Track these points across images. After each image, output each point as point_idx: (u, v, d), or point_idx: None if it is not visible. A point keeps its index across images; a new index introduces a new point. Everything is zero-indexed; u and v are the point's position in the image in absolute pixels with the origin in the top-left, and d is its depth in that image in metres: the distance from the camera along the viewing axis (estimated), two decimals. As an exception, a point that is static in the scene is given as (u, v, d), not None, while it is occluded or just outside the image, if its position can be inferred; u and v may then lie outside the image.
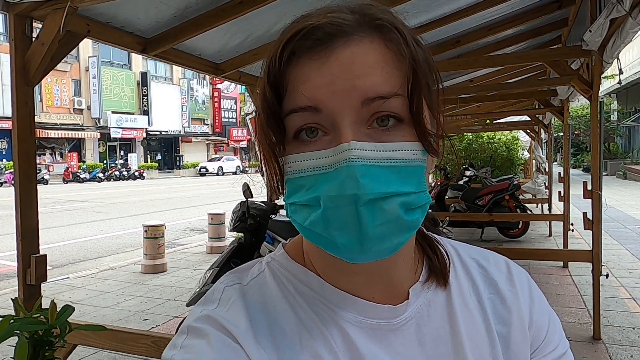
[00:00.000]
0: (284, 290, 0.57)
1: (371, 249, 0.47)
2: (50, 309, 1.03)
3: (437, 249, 0.62)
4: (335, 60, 0.47)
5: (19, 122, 2.36)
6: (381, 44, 0.49)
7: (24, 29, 2.35)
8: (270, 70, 0.50)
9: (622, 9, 2.73)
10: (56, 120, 29.73)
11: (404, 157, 0.48)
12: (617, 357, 3.48)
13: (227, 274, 0.61)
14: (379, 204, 0.46)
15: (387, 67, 0.48)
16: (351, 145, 0.46)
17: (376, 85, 0.47)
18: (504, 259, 0.66)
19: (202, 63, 3.89)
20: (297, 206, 0.50)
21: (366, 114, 0.47)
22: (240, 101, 43.44)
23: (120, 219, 12.13)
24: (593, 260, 3.72)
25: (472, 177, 9.44)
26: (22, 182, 2.33)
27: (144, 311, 4.85)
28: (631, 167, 21.01)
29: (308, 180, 0.49)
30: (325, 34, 0.48)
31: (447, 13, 3.99)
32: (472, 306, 0.59)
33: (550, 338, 0.61)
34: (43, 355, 0.98)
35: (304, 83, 0.48)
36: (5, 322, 0.92)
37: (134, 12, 2.85)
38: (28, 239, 2.36)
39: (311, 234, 0.50)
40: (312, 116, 0.48)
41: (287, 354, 0.52)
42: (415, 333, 0.56)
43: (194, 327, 0.52)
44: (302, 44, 0.48)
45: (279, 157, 0.51)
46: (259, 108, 0.52)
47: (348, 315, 0.54)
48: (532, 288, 0.64)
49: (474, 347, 0.56)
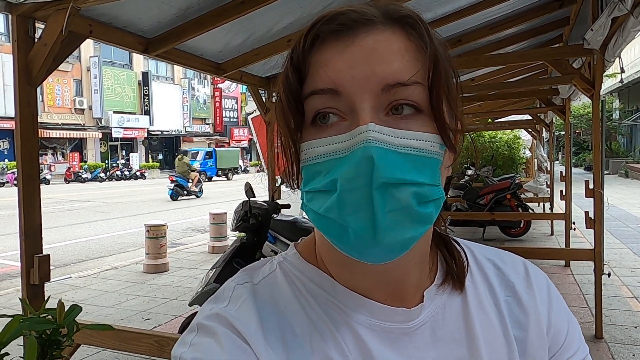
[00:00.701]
0: (295, 291, 0.56)
1: (383, 239, 0.45)
2: (58, 308, 1.03)
3: (456, 252, 0.61)
4: (357, 46, 0.48)
5: (22, 122, 2.37)
6: (403, 35, 0.49)
7: (27, 29, 2.36)
8: (293, 53, 0.51)
9: (623, 7, 2.73)
10: (58, 120, 29.77)
11: (420, 147, 0.48)
12: (620, 356, 3.48)
13: (239, 272, 0.60)
14: (390, 190, 0.45)
15: (407, 56, 0.48)
16: (369, 127, 0.45)
17: (396, 72, 0.47)
18: (522, 260, 0.65)
19: (203, 63, 3.90)
20: (314, 193, 0.49)
21: (385, 100, 0.47)
22: (241, 101, 43.43)
23: (122, 219, 12.14)
24: (595, 258, 3.72)
25: (473, 176, 9.43)
26: (25, 182, 2.34)
27: (146, 310, 4.86)
28: (633, 166, 20.96)
29: (325, 165, 0.48)
30: (349, 19, 0.49)
31: (449, 12, 3.99)
32: (489, 309, 0.58)
33: (570, 343, 0.59)
34: (51, 354, 0.99)
35: (325, 66, 0.48)
36: (15, 321, 0.93)
37: (136, 12, 2.85)
38: (31, 239, 2.36)
39: (326, 222, 0.48)
40: (331, 99, 0.48)
41: (297, 355, 0.51)
42: (430, 336, 0.54)
43: (204, 325, 0.52)
44: (325, 28, 0.49)
45: (297, 143, 0.51)
46: (280, 92, 0.52)
47: (361, 317, 0.54)
48: (551, 290, 0.62)
49: (490, 350, 0.55)
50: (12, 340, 0.93)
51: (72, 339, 1.04)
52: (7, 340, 0.90)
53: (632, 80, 21.86)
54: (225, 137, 42.60)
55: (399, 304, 0.55)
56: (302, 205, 0.52)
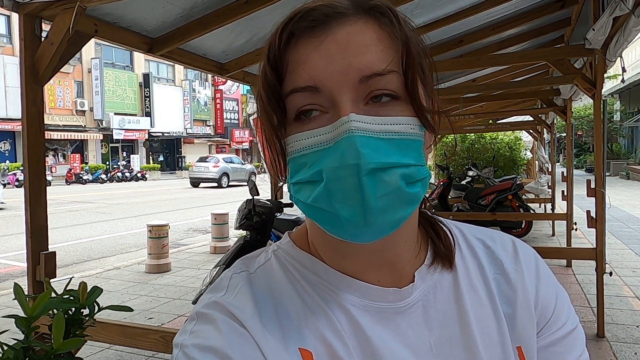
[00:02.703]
0: (290, 277, 0.58)
1: (375, 222, 0.48)
2: (81, 289, 1.06)
3: (442, 231, 0.63)
4: (331, 40, 0.49)
5: (28, 121, 2.39)
6: (375, 24, 0.51)
7: (34, 28, 2.38)
8: (270, 52, 0.52)
9: (625, 7, 2.75)
10: (59, 121, 29.81)
11: (401, 130, 0.50)
12: (621, 355, 3.49)
13: (235, 262, 0.62)
14: (379, 175, 0.47)
15: (381, 46, 0.50)
16: (350, 118, 0.47)
17: (371, 63, 0.49)
18: (511, 238, 0.66)
19: (207, 63, 3.92)
20: (301, 185, 0.51)
21: (363, 91, 0.49)
22: (242, 102, 43.48)
23: (123, 220, 12.16)
24: (597, 258, 3.73)
25: (474, 177, 9.44)
26: (31, 179, 2.36)
27: (149, 310, 4.87)
28: (634, 168, 20.95)
29: (310, 157, 0.50)
30: (321, 14, 0.50)
31: (451, 12, 4.01)
32: (479, 287, 0.60)
33: (558, 315, 0.61)
34: (74, 333, 1.02)
35: (303, 63, 0.50)
36: (44, 297, 0.96)
37: (141, 12, 2.87)
38: (37, 237, 2.38)
39: (315, 211, 0.50)
40: (312, 96, 0.50)
41: (293, 337, 0.53)
42: (422, 315, 0.56)
43: (203, 313, 0.54)
44: (299, 25, 0.50)
45: (281, 138, 0.53)
46: (260, 90, 0.54)
47: (352, 298, 0.55)
48: (540, 266, 0.64)
49: (481, 327, 0.57)
50: (41, 315, 0.96)
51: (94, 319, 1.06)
52: (37, 315, 0.93)
53: (633, 82, 21.88)
54: (226, 139, 42.62)
55: (392, 284, 0.57)
56: (290, 197, 0.54)
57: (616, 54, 3.36)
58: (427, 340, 0.55)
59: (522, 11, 4.63)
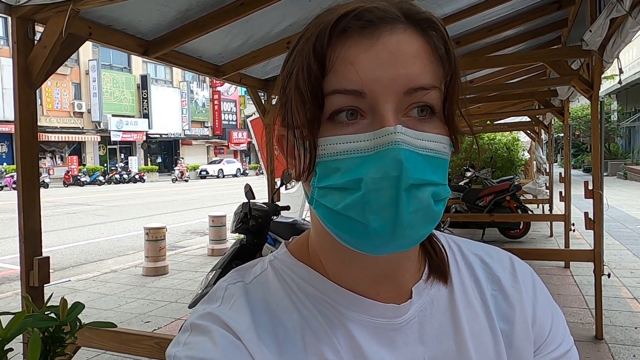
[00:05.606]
0: (287, 289, 0.57)
1: (401, 236, 0.47)
2: (61, 305, 1.03)
3: (436, 245, 0.62)
4: (381, 45, 0.48)
5: (22, 124, 2.37)
6: (420, 37, 0.50)
7: (27, 31, 2.36)
8: (317, 44, 0.49)
9: (622, 8, 2.74)
10: (56, 123, 29.76)
11: (436, 148, 0.49)
12: (620, 357, 3.48)
13: (230, 272, 0.61)
14: (414, 191, 0.47)
15: (425, 59, 0.49)
16: (397, 129, 0.46)
17: (418, 76, 0.48)
18: (508, 255, 0.66)
19: (202, 65, 3.90)
20: (329, 190, 0.49)
21: (405, 102, 0.48)
22: (240, 104, 43.48)
23: (121, 222, 12.13)
24: (595, 259, 3.72)
25: (472, 178, 9.43)
26: (24, 183, 2.33)
27: (145, 313, 4.85)
28: (632, 168, 20.99)
29: (344, 163, 0.48)
30: (375, 17, 0.49)
31: (448, 14, 4.00)
32: (475, 303, 0.59)
33: (554, 336, 0.60)
34: (54, 351, 0.99)
35: (351, 64, 0.48)
36: (19, 318, 0.93)
37: (136, 14, 2.85)
38: (31, 241, 2.36)
39: (341, 219, 0.48)
40: (355, 99, 0.48)
41: (290, 352, 0.52)
42: (418, 331, 0.55)
43: (197, 325, 0.53)
44: (354, 23, 0.49)
45: (315, 136, 0.50)
46: (300, 81, 0.50)
47: (352, 314, 0.54)
48: (536, 284, 0.63)
49: (477, 343, 0.56)
50: (16, 336, 0.93)
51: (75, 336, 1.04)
52: (11, 336, 0.90)
53: (631, 82, 21.95)
54: (224, 140, 42.61)
55: (391, 300, 0.56)
56: (311, 200, 0.51)
57: (613, 55, 3.35)
58: (421, 356, 0.54)
59: (519, 12, 4.62)
